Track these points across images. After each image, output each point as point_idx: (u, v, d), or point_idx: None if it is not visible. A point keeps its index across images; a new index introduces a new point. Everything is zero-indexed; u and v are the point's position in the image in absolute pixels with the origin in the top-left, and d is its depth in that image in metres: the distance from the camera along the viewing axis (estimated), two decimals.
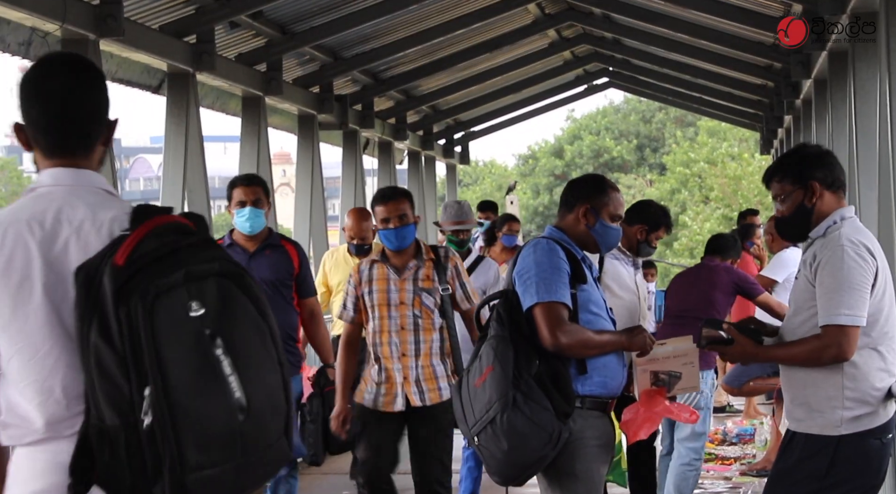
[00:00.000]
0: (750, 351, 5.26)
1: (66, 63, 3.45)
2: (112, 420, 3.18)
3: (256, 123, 13.89)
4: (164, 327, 3.16)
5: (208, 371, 3.16)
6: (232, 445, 3.18)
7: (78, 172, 3.40)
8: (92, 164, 3.43)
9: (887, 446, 5.13)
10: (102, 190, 3.41)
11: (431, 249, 7.46)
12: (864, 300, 5.00)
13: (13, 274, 3.30)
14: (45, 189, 3.38)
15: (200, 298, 3.18)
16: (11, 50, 9.80)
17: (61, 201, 3.35)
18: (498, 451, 5.40)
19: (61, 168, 3.40)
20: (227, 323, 3.20)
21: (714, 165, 44.84)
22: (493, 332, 5.50)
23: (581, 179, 5.95)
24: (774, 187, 5.28)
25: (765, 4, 13.59)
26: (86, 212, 3.35)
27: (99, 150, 3.45)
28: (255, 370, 3.22)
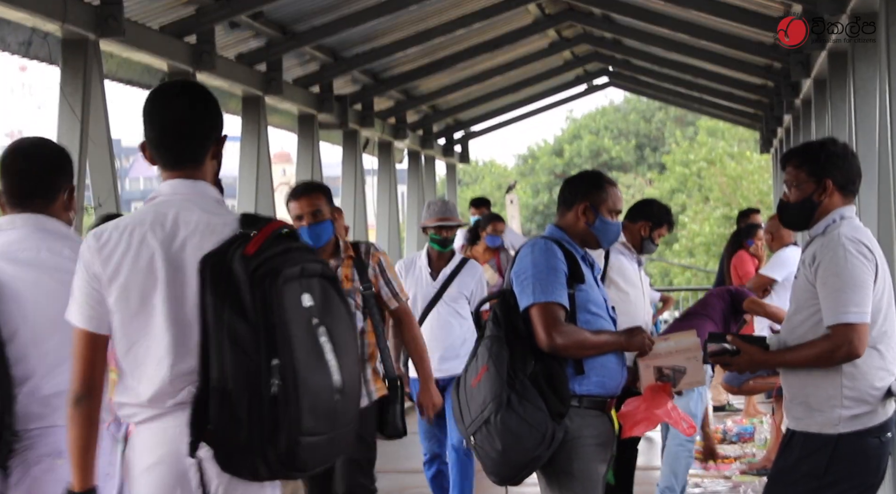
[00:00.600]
0: (758, 358, 5.24)
1: (179, 91, 4.07)
2: (237, 385, 3.69)
3: (256, 123, 13.90)
4: (290, 309, 3.73)
5: (317, 352, 3.74)
6: (332, 418, 3.74)
7: (193, 183, 3.99)
8: (205, 176, 4.02)
9: (886, 444, 5.14)
10: (214, 199, 4.00)
11: (352, 246, 6.98)
12: (869, 297, 5.01)
13: (139, 269, 3.89)
14: (165, 197, 3.98)
15: (310, 292, 3.79)
16: (12, 50, 9.82)
17: (178, 207, 3.94)
18: (493, 451, 5.42)
19: (178, 179, 4.00)
20: (328, 316, 3.79)
21: (714, 165, 44.84)
22: (489, 332, 5.51)
23: (578, 177, 5.95)
24: (790, 172, 5.27)
25: (765, 4, 13.59)
26: (200, 217, 3.93)
27: (210, 164, 4.05)
28: (347, 358, 3.80)
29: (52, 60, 10.07)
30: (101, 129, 10.35)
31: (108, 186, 10.49)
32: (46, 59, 10.08)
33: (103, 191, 10.46)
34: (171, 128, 4.00)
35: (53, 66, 10.11)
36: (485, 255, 12.78)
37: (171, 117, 4.00)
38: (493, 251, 12.98)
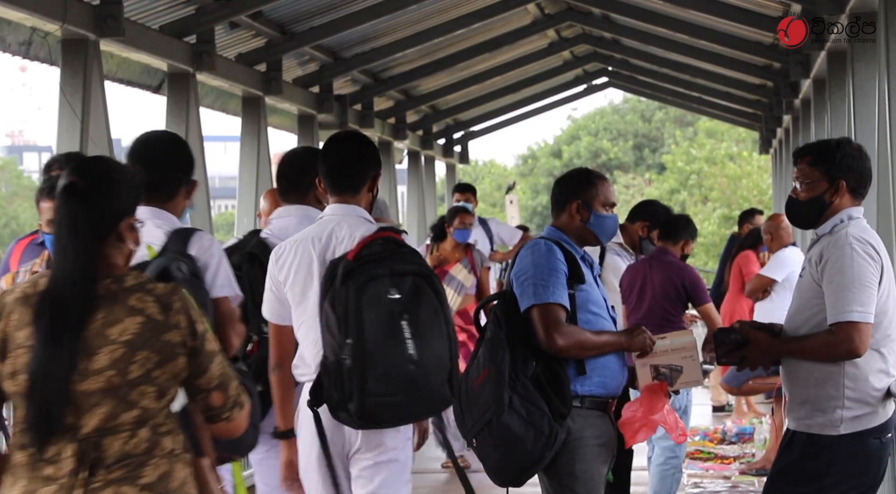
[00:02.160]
0: (765, 343, 5.20)
1: (347, 139, 5.61)
2: (330, 358, 5.02)
3: (256, 123, 13.90)
4: (368, 301, 4.98)
5: (394, 334, 4.95)
6: (405, 383, 4.95)
7: (348, 207, 5.40)
8: (360, 202, 5.42)
9: (887, 445, 5.14)
10: (362, 218, 5.36)
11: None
12: (874, 297, 5.00)
13: (302, 271, 5.28)
14: (327, 217, 5.39)
15: (398, 287, 5.02)
16: (12, 50, 9.82)
17: (335, 224, 5.34)
18: (495, 453, 5.43)
19: (339, 204, 5.41)
20: (414, 306, 5.00)
21: (713, 165, 44.84)
22: (490, 334, 5.51)
23: (567, 176, 5.94)
24: (803, 169, 5.22)
25: (764, 4, 13.60)
26: (347, 231, 5.29)
27: (366, 195, 5.46)
28: (427, 338, 4.99)
29: (52, 61, 10.07)
30: (102, 130, 10.34)
31: None
32: (46, 60, 10.08)
33: None
34: (337, 166, 5.45)
35: (53, 66, 10.11)
36: (454, 254, 11.42)
37: (338, 158, 5.47)
38: (463, 248, 11.44)
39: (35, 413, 3.61)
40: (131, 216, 3.76)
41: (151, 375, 3.66)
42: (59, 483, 3.62)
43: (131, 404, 3.66)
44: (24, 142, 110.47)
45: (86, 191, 3.69)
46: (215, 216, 30.87)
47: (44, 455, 3.63)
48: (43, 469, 3.64)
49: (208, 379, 3.75)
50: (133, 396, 3.65)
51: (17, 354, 3.65)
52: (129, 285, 3.70)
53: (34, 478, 3.63)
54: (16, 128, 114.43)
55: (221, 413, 3.80)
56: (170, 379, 3.69)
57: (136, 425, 3.66)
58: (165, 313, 3.69)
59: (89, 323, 3.64)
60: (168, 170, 5.13)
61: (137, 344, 3.65)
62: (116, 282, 3.69)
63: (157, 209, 5.05)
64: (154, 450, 3.68)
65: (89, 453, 3.63)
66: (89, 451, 3.64)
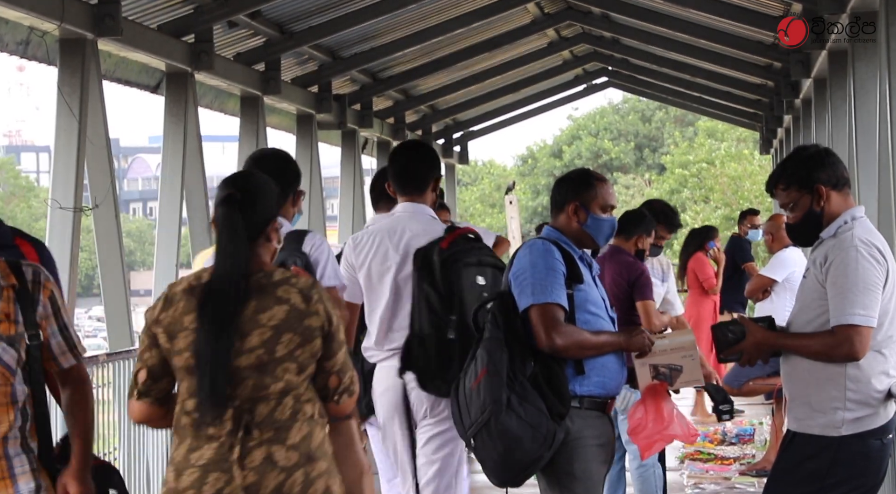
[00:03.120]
0: (761, 337, 5.17)
1: (413, 146, 6.79)
2: (429, 332, 6.09)
3: (255, 123, 13.89)
4: (465, 284, 6.07)
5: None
6: None
7: (415, 205, 6.37)
8: (425, 201, 6.39)
9: (888, 446, 5.12)
10: (429, 215, 6.36)
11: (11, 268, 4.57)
12: (877, 301, 4.98)
13: (378, 258, 6.24)
14: (399, 214, 6.38)
15: (483, 276, 6.10)
16: (10, 49, 9.81)
17: (406, 220, 6.33)
18: (494, 453, 5.40)
19: (408, 202, 6.38)
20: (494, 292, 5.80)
21: (713, 165, 44.84)
22: (488, 334, 5.49)
23: (566, 177, 5.92)
24: (780, 196, 5.23)
25: (764, 4, 13.59)
26: (418, 226, 6.29)
27: (430, 194, 6.42)
28: None
29: (49, 60, 10.05)
30: (100, 129, 10.33)
31: (105, 186, 10.48)
32: (44, 59, 10.07)
33: (101, 192, 10.45)
34: (404, 170, 6.43)
35: (51, 65, 10.09)
36: None
37: (405, 163, 6.45)
38: None
39: (200, 384, 4.27)
40: (274, 220, 4.46)
41: (294, 354, 4.32)
42: (220, 442, 4.27)
43: (277, 377, 4.30)
44: (21, 142, 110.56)
45: (241, 200, 4.39)
46: None
47: (205, 421, 4.28)
48: (206, 429, 4.29)
49: (333, 363, 4.40)
50: (278, 371, 4.31)
51: (183, 336, 4.32)
52: (276, 279, 4.37)
53: (198, 437, 4.29)
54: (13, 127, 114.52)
55: (334, 394, 4.43)
56: (308, 358, 4.35)
57: (282, 395, 4.31)
58: (307, 302, 4.35)
59: (244, 310, 4.31)
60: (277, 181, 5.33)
61: (283, 328, 4.31)
62: (266, 277, 4.37)
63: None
64: (297, 415, 4.33)
65: (244, 417, 4.28)
66: (244, 415, 4.28)
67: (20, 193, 64.24)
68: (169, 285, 4.47)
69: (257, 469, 4.28)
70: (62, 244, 9.79)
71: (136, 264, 69.02)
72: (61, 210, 9.82)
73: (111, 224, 10.60)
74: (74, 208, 9.79)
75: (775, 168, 5.42)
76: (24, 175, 71.40)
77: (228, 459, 4.28)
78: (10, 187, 65.13)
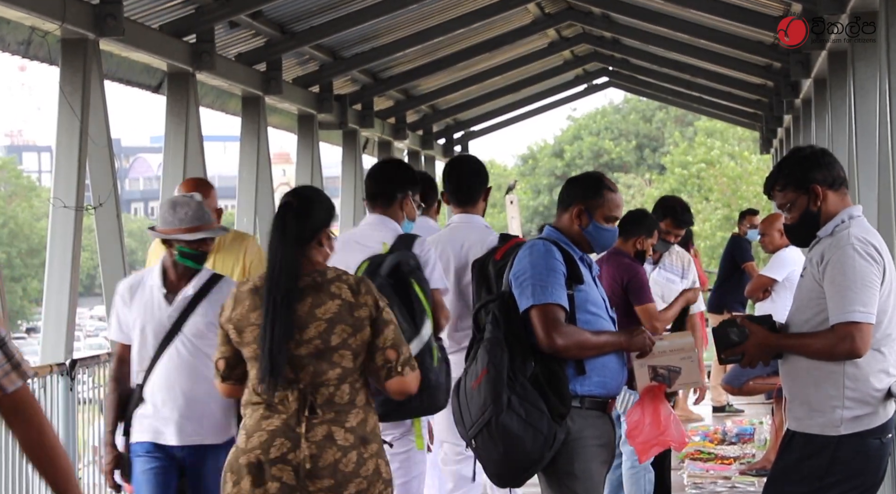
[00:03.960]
0: (763, 338, 5.17)
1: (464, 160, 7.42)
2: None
3: (256, 123, 13.90)
4: None
5: None
6: None
7: (469, 216, 7.09)
8: (478, 211, 7.09)
9: (887, 446, 5.12)
10: (482, 225, 7.07)
11: None
12: (876, 298, 4.99)
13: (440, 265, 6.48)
14: (455, 224, 7.06)
15: None
16: (11, 49, 9.81)
17: (464, 230, 7.01)
18: (494, 453, 5.41)
19: (463, 214, 7.08)
20: None
21: (713, 166, 44.82)
22: (489, 335, 5.49)
23: (578, 179, 5.93)
24: (777, 197, 5.24)
25: (764, 4, 13.59)
26: (476, 237, 6.93)
27: (482, 204, 7.11)
28: None
29: (51, 60, 10.06)
30: (101, 129, 10.34)
31: (107, 186, 10.48)
32: (46, 59, 10.08)
33: (103, 191, 10.46)
34: (459, 182, 7.13)
35: (53, 65, 10.10)
36: None
37: (458, 176, 7.15)
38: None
39: (265, 371, 4.90)
40: (326, 227, 5.09)
41: (347, 342, 4.93)
42: (287, 416, 4.91)
43: (333, 363, 4.92)
44: (23, 142, 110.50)
45: (297, 208, 5.03)
46: None
47: (272, 401, 4.93)
48: (276, 407, 4.93)
49: (384, 339, 4.94)
50: (335, 357, 4.92)
51: (249, 330, 4.99)
52: (329, 277, 5.00)
53: (269, 411, 4.93)
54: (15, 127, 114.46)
55: (395, 366, 4.95)
56: (361, 344, 4.95)
57: (339, 380, 4.92)
58: (356, 296, 4.95)
59: (302, 305, 4.93)
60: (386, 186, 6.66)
61: (336, 320, 4.93)
62: (320, 275, 4.99)
63: (381, 216, 6.61)
64: (355, 401, 4.94)
65: (308, 398, 4.91)
66: (308, 397, 4.91)
67: (22, 193, 64.20)
68: (237, 284, 5.15)
69: (319, 443, 4.89)
70: (64, 243, 9.80)
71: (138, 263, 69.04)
72: (63, 209, 9.83)
73: (113, 223, 10.61)
74: (76, 208, 9.81)
75: (772, 169, 5.44)
76: (25, 175, 71.37)
77: (296, 430, 4.90)
78: (12, 187, 65.09)
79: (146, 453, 6.09)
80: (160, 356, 6.12)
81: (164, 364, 6.12)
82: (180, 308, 6.15)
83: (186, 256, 6.20)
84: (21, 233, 59.34)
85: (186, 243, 6.18)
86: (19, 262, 58.14)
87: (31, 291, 56.19)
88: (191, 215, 6.21)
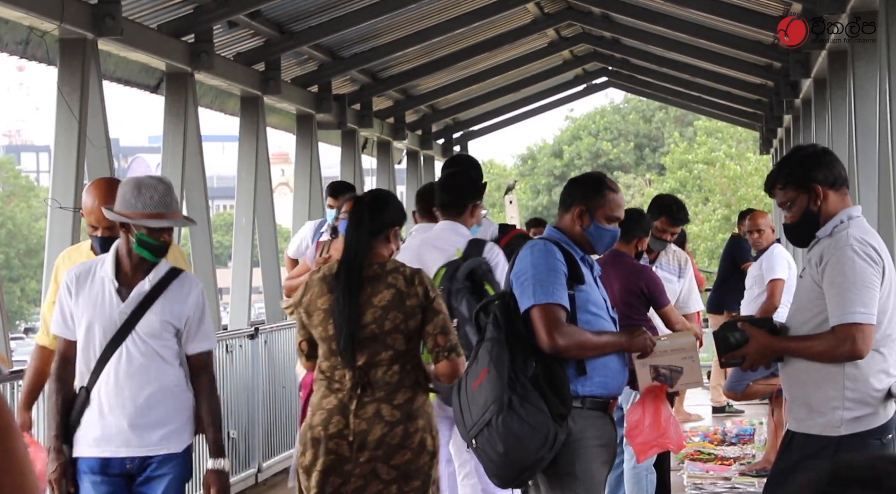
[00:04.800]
0: (764, 341, 5.15)
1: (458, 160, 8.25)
2: None
3: (255, 123, 13.88)
4: None
5: None
6: None
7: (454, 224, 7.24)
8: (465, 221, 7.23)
9: (887, 446, 5.11)
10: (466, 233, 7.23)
11: None
12: (876, 299, 4.97)
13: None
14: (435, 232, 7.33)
15: None
16: (9, 49, 9.79)
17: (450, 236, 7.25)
18: (495, 453, 5.40)
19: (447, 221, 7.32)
20: None
21: (712, 166, 44.82)
22: (490, 335, 5.48)
23: (579, 179, 5.92)
24: (778, 195, 5.23)
25: (764, 4, 13.59)
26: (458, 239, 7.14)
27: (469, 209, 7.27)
28: None
29: (49, 60, 10.04)
30: (100, 129, 10.32)
31: None
32: (44, 59, 10.06)
33: None
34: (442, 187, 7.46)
35: (51, 65, 10.08)
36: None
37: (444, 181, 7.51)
38: None
39: (334, 349, 5.57)
40: (396, 226, 5.69)
41: (400, 327, 5.55)
42: (343, 394, 5.57)
43: (387, 346, 5.55)
44: (21, 142, 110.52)
45: (370, 203, 5.70)
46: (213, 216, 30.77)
47: (334, 378, 5.60)
48: (334, 385, 5.60)
49: (434, 325, 5.56)
50: (388, 341, 5.55)
51: (317, 314, 5.61)
52: (388, 269, 5.61)
53: (329, 389, 5.61)
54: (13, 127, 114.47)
55: (444, 352, 5.54)
56: (412, 330, 5.57)
57: (391, 362, 5.55)
58: (409, 287, 5.56)
59: (363, 293, 5.57)
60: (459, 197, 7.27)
61: (390, 308, 5.56)
62: (381, 267, 5.61)
63: (454, 223, 7.19)
64: (404, 381, 5.56)
65: (362, 378, 5.55)
66: (362, 377, 5.54)
67: (20, 193, 64.19)
68: (310, 274, 5.75)
69: (368, 419, 5.53)
70: (62, 244, 9.78)
71: None
72: (61, 210, 9.81)
73: None
74: (74, 208, 9.79)
75: (774, 167, 5.42)
76: (23, 175, 71.35)
77: (348, 408, 5.54)
78: (10, 187, 65.09)
79: (92, 472, 5.51)
80: (109, 356, 5.51)
81: (113, 365, 5.51)
82: (134, 304, 5.52)
83: (145, 246, 5.53)
84: (19, 234, 59.36)
85: (148, 231, 5.50)
86: (17, 263, 58.15)
87: (30, 292, 56.21)
88: (157, 199, 5.51)
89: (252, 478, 11.32)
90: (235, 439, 10.88)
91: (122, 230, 5.54)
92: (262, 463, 11.37)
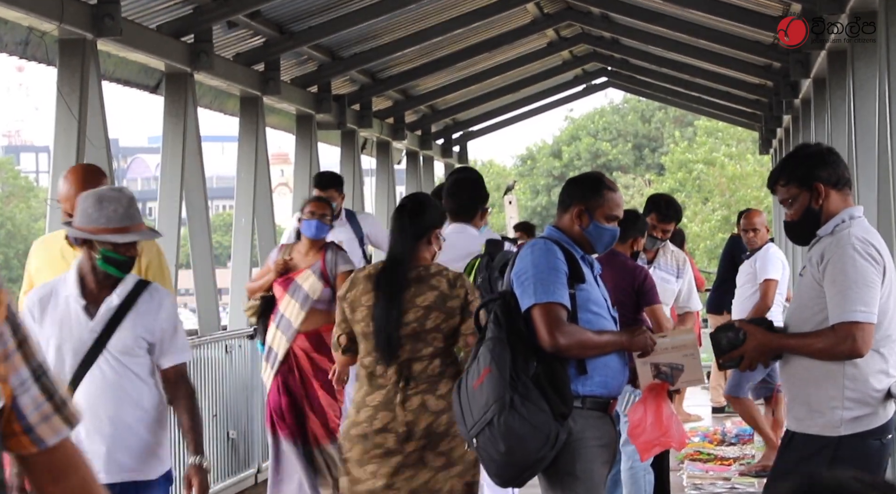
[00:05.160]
0: (763, 339, 5.15)
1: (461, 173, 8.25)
2: None
3: (254, 123, 13.87)
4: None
5: None
6: None
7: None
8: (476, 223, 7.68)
9: (887, 446, 5.11)
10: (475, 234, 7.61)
11: None
12: (876, 298, 4.97)
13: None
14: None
15: None
16: (9, 50, 9.78)
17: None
18: (496, 453, 5.40)
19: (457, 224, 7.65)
20: None
21: (712, 166, 44.82)
22: (491, 334, 5.48)
23: (578, 179, 5.93)
24: (780, 192, 5.23)
25: (764, 4, 13.58)
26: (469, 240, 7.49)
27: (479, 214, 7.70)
28: None
29: (49, 60, 10.04)
30: (99, 130, 10.31)
31: None
32: (43, 60, 10.05)
33: None
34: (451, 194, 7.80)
35: (50, 66, 10.08)
36: (308, 258, 8.98)
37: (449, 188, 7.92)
38: (317, 247, 9.03)
39: (376, 345, 5.96)
40: (436, 228, 6.10)
41: (440, 327, 6.01)
42: (387, 389, 5.96)
43: (428, 343, 5.99)
44: (21, 142, 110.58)
45: (410, 209, 6.11)
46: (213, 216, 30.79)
47: (376, 373, 5.98)
48: (377, 380, 5.98)
49: (467, 325, 5.95)
50: (429, 338, 5.99)
51: (360, 310, 6.03)
52: (432, 271, 6.05)
53: (372, 385, 5.98)
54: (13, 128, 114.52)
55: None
56: (451, 329, 6.01)
57: (432, 357, 5.99)
58: (451, 289, 6.01)
59: (406, 293, 5.97)
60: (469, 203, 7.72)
61: (432, 308, 6.00)
62: (425, 270, 6.05)
63: (465, 225, 7.59)
64: (445, 373, 5.99)
65: (405, 372, 5.96)
66: (405, 370, 5.96)
67: (19, 193, 64.22)
68: (355, 271, 6.26)
69: (414, 411, 5.92)
70: None
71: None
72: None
73: None
74: None
75: (777, 164, 5.42)
76: (23, 175, 71.38)
77: (394, 402, 5.92)
78: (10, 187, 65.11)
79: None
80: (81, 377, 5.21)
81: (86, 387, 5.20)
82: (104, 320, 5.24)
83: (111, 262, 5.24)
84: (19, 234, 59.39)
85: (113, 246, 5.21)
86: (17, 263, 58.18)
87: None
88: (121, 213, 5.21)
89: (252, 478, 11.33)
90: (235, 439, 10.88)
91: (83, 246, 5.25)
92: (262, 463, 11.36)
